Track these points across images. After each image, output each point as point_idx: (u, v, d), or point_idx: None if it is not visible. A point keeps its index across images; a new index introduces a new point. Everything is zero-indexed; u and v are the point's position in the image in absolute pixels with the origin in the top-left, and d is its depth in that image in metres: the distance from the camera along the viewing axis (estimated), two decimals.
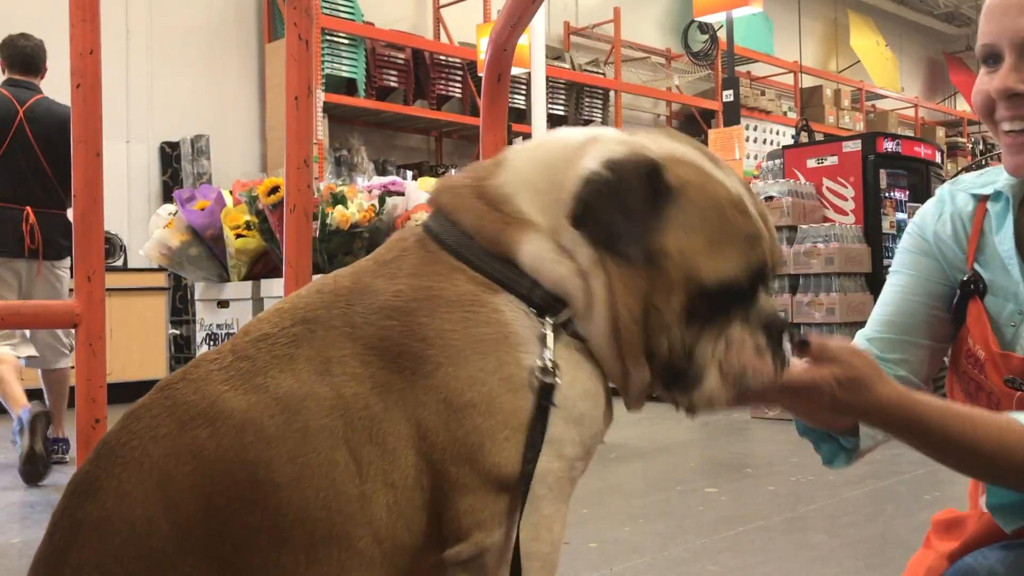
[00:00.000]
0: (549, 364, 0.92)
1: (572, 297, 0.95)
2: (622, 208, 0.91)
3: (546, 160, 0.99)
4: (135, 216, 8.82)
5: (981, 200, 1.24)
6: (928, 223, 1.30)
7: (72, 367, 5.87)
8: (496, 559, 0.91)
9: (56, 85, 7.79)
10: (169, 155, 9.51)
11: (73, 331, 1.18)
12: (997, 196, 1.23)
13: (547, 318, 0.94)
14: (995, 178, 1.26)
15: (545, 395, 0.92)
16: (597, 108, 12.67)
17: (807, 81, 14.52)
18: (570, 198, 0.93)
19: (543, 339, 0.93)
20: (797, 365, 1.03)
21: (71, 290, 1.03)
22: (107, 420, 1.26)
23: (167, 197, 8.88)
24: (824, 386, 1.02)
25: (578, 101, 12.38)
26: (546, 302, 0.95)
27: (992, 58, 1.14)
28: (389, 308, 0.93)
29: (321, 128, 9.15)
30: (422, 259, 0.97)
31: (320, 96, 9.11)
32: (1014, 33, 1.10)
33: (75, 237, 1.23)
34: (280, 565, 0.86)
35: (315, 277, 1.68)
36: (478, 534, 0.90)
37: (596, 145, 0.97)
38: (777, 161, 6.58)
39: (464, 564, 0.91)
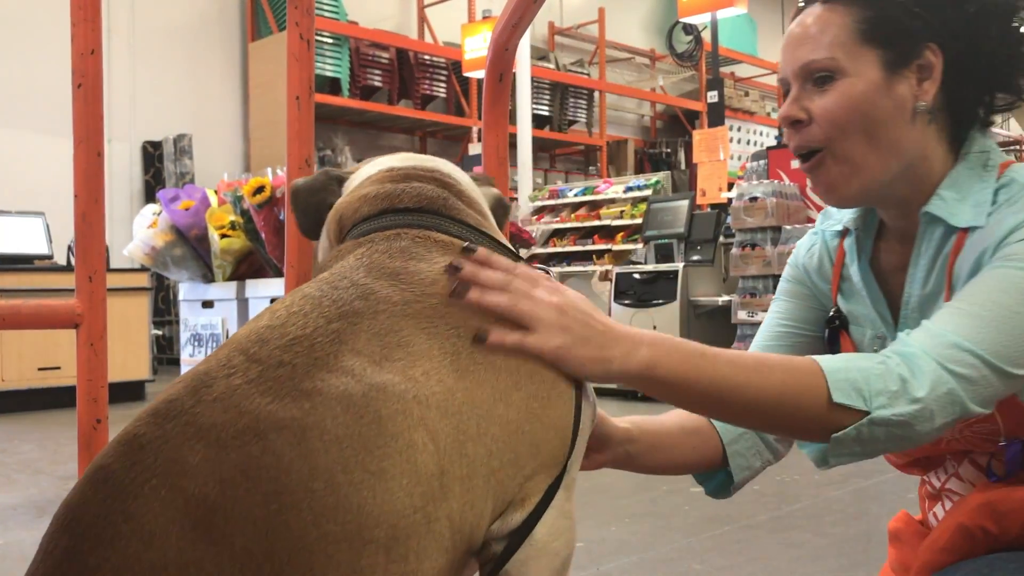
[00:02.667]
0: None
1: None
2: None
3: (467, 179, 1.17)
4: (117, 216, 8.77)
5: (841, 236, 1.27)
6: (801, 255, 1.33)
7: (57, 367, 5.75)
8: (550, 535, 0.93)
9: (57, 84, 7.78)
10: (151, 155, 9.47)
11: None
12: (846, 232, 1.26)
13: None
14: (853, 213, 1.28)
15: None
16: (581, 108, 12.69)
17: None
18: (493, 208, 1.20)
19: None
20: None
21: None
22: (108, 421, 1.25)
23: (149, 197, 8.85)
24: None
25: (563, 101, 12.40)
26: None
27: (787, 90, 1.17)
28: (446, 279, 0.94)
29: None
30: (439, 246, 0.99)
31: None
32: (795, 63, 1.13)
33: (76, 238, 1.22)
34: (359, 571, 0.79)
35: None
36: (535, 494, 0.92)
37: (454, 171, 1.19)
38: (761, 162, 6.62)
39: (513, 532, 0.91)
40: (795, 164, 6.42)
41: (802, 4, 1.18)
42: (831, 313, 1.26)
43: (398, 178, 1.08)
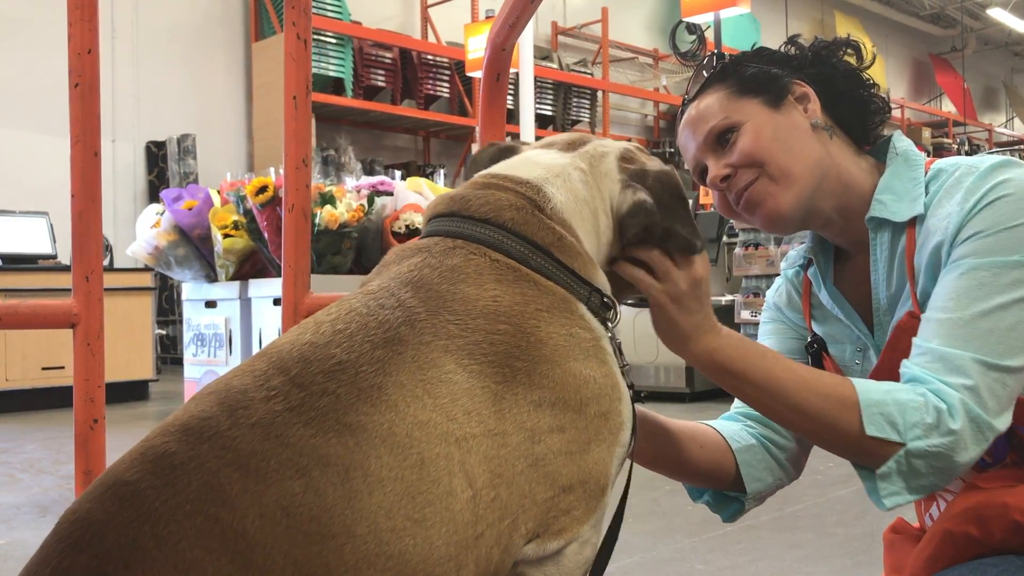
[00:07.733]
0: (624, 371, 1.02)
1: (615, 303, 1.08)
2: (677, 215, 1.09)
3: (577, 191, 1.06)
4: (121, 216, 8.78)
5: (804, 269, 1.36)
6: (771, 297, 1.44)
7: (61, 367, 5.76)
8: (577, 552, 0.93)
9: (55, 84, 7.78)
10: (155, 154, 9.48)
11: None
12: (809, 263, 1.35)
13: (608, 326, 1.03)
14: (810, 243, 1.37)
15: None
16: (585, 108, 12.68)
17: None
18: (620, 222, 1.08)
19: (616, 347, 1.04)
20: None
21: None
22: (105, 420, 1.25)
23: (153, 197, 8.85)
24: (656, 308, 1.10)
25: (566, 101, 12.39)
26: (598, 310, 1.03)
27: (702, 173, 1.27)
28: (493, 313, 0.91)
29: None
30: (493, 267, 0.96)
31: None
32: (699, 140, 1.24)
33: (73, 237, 1.22)
34: None
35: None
36: (573, 528, 0.91)
37: (607, 165, 1.09)
38: None
39: (543, 560, 0.91)
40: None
41: (681, 106, 1.33)
42: (809, 339, 1.34)
43: (479, 184, 1.05)
